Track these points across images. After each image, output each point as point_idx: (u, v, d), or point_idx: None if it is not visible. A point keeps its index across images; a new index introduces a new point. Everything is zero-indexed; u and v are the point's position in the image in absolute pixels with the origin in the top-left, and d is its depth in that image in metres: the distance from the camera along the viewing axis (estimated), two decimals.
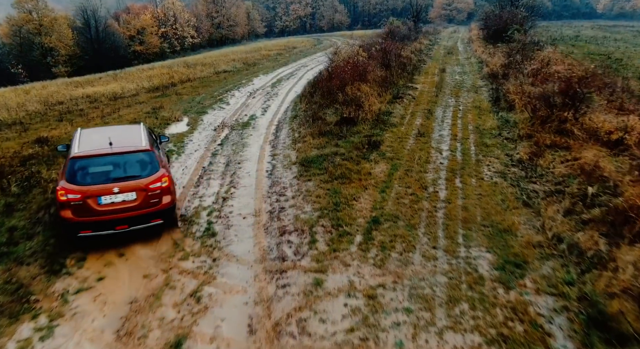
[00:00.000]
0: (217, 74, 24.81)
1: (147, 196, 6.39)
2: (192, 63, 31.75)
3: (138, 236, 6.77)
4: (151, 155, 6.73)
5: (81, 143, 6.83)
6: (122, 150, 6.60)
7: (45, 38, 49.82)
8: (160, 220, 6.61)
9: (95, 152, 6.55)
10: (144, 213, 6.42)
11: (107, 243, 6.61)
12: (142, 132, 7.36)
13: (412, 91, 17.51)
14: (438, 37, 45.74)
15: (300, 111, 15.34)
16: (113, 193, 6.21)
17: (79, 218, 6.15)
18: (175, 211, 7.01)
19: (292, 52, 37.54)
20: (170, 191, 6.67)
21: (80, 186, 6.17)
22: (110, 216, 6.24)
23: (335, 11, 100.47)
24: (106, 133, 7.25)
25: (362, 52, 17.62)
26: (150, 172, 6.55)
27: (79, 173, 6.32)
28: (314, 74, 23.91)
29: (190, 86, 20.79)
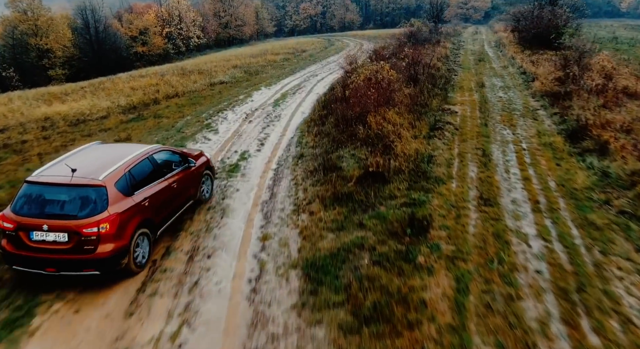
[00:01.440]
0: (211, 86, 20.96)
1: (80, 241, 5.48)
2: (189, 70, 27.99)
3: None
4: (100, 191, 5.67)
5: (54, 165, 6.22)
6: (69, 181, 5.69)
7: (40, 39, 46.48)
8: (95, 271, 5.60)
9: (47, 179, 5.86)
10: (75, 259, 5.52)
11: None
12: (128, 159, 6.30)
13: (451, 116, 13.47)
14: (460, 39, 41.38)
15: (307, 147, 11.44)
16: (43, 230, 5.50)
17: (14, 251, 5.61)
18: (121, 261, 5.69)
19: (301, 56, 33.58)
20: (113, 238, 5.57)
21: (16, 215, 5.62)
22: (41, 254, 5.51)
23: (346, 10, 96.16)
24: (96, 154, 6.67)
25: (386, 66, 13.68)
26: (91, 212, 5.56)
27: (22, 201, 5.74)
28: (325, 87, 19.98)
29: (175, 104, 16.98)
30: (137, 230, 5.95)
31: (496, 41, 36.30)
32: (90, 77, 49.72)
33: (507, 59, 25.49)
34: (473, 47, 33.78)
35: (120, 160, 6.23)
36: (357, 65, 18.67)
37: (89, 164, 6.13)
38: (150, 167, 6.66)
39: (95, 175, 5.81)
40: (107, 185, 5.71)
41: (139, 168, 6.40)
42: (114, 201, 5.71)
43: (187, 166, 7.52)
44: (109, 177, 5.84)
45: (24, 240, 5.55)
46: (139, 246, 6.04)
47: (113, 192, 5.75)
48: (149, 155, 6.75)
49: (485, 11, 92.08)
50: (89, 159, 6.40)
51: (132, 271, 5.94)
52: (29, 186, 5.82)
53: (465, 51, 31.14)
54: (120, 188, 5.87)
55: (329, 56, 33.81)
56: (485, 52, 30.07)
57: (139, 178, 6.33)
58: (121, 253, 5.67)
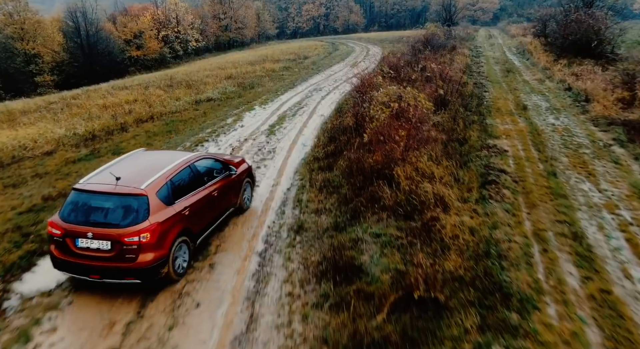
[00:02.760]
0: (196, 105, 17.48)
1: (123, 250, 5.34)
2: (177, 80, 24.55)
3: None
4: (142, 201, 5.50)
5: (101, 172, 6.11)
6: (113, 190, 5.58)
7: (27, 43, 43.14)
8: (136, 280, 5.46)
9: (94, 187, 5.74)
10: (118, 267, 5.38)
11: None
12: (170, 168, 6.14)
13: (502, 158, 9.94)
14: (475, 43, 37.74)
15: (309, 211, 7.98)
16: (87, 238, 5.41)
17: (61, 256, 5.56)
18: (161, 271, 5.52)
19: (302, 64, 30.07)
20: (154, 248, 5.41)
21: (64, 222, 5.53)
22: (86, 261, 5.42)
23: (350, 11, 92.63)
24: (141, 162, 6.57)
25: (416, 92, 10.14)
26: (132, 221, 5.40)
27: (69, 208, 5.64)
28: (332, 105, 16.52)
29: (146, 132, 13.50)
30: (177, 238, 5.86)
31: (517, 47, 32.64)
32: (81, 83, 46.41)
33: (539, 70, 21.87)
34: (493, 54, 30.15)
35: (162, 169, 6.11)
36: (370, 82, 15.15)
37: (133, 172, 6.06)
38: (191, 175, 6.53)
39: (138, 184, 5.71)
40: (148, 194, 5.61)
41: (180, 176, 6.28)
42: (155, 210, 5.60)
43: (228, 174, 7.40)
44: (151, 186, 5.73)
45: (70, 247, 5.51)
46: (178, 255, 5.95)
47: (154, 201, 5.64)
48: (190, 163, 6.62)
49: (493, 13, 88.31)
50: (133, 167, 6.33)
51: (172, 280, 5.84)
52: (76, 194, 5.76)
53: (486, 59, 27.53)
54: (161, 197, 5.77)
55: (334, 64, 30.28)
56: (510, 61, 26.43)
57: (180, 186, 6.20)
58: (161, 262, 5.57)
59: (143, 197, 5.54)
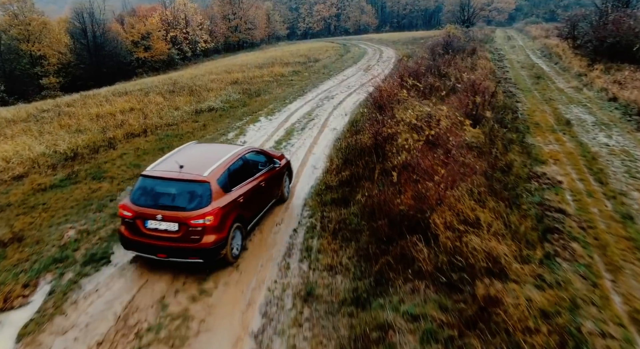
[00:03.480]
0: (196, 115, 15.80)
1: (188, 231, 5.76)
2: (181, 85, 22.95)
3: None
4: (205, 187, 5.94)
5: (164, 161, 6.58)
6: (179, 176, 6.04)
7: (32, 45, 42.03)
8: (199, 259, 5.85)
9: (160, 174, 6.19)
10: (183, 247, 5.81)
11: None
12: (225, 159, 6.54)
13: (555, 194, 8.04)
14: (494, 46, 35.57)
15: (320, 267, 6.27)
16: (157, 220, 5.80)
17: (131, 236, 5.97)
18: (221, 252, 5.95)
19: (313, 68, 28.27)
20: (215, 230, 5.83)
21: (135, 205, 5.94)
22: (154, 241, 5.85)
23: (361, 12, 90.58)
24: (198, 153, 7.04)
25: (452, 112, 8.29)
26: (197, 205, 5.82)
27: (139, 192, 6.07)
28: (345, 117, 14.73)
29: (136, 149, 11.82)
30: (234, 223, 6.19)
31: (542, 50, 30.43)
32: (87, 85, 45.26)
33: (573, 76, 19.78)
34: (517, 57, 28.02)
35: (220, 159, 6.50)
36: (389, 92, 13.30)
37: (193, 161, 6.40)
38: (243, 166, 6.89)
39: (200, 171, 6.10)
40: (210, 181, 5.99)
41: (235, 166, 6.62)
42: (216, 196, 5.95)
43: (272, 166, 7.73)
44: (212, 174, 6.12)
45: (140, 228, 5.86)
46: (234, 239, 6.27)
47: (215, 188, 6.00)
48: (242, 155, 6.97)
49: (508, 13, 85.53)
50: (192, 156, 6.66)
51: (228, 262, 6.21)
52: (145, 180, 6.15)
53: (510, 63, 25.45)
54: (220, 185, 6.12)
55: (346, 68, 28.43)
56: (537, 65, 24.31)
57: (235, 176, 6.53)
58: (222, 244, 5.93)
59: (206, 184, 5.96)
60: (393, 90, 12.86)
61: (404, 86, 15.13)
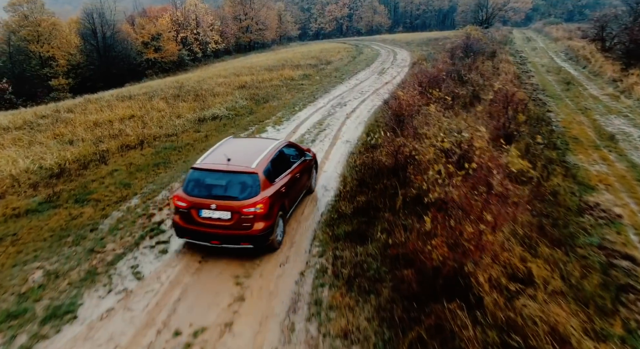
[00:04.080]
0: (199, 124, 14.64)
1: (240, 219, 6.11)
2: (187, 89, 21.89)
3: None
4: (254, 178, 6.32)
5: (210, 155, 6.90)
6: (229, 168, 6.42)
7: (42, 46, 41.49)
8: (249, 245, 6.24)
9: (210, 166, 6.54)
10: (235, 234, 6.18)
11: None
12: (267, 151, 6.93)
13: (617, 232, 6.64)
14: (514, 48, 33.87)
15: (331, 335, 4.94)
16: (211, 209, 6.15)
17: (185, 225, 6.29)
18: (269, 238, 6.33)
19: (324, 71, 26.98)
20: (264, 218, 6.18)
21: (189, 196, 6.26)
22: (207, 229, 6.20)
23: (374, 12, 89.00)
24: (238, 146, 7.35)
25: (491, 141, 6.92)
26: (248, 195, 6.20)
27: (191, 184, 6.39)
28: (359, 126, 13.45)
29: (128, 165, 10.66)
30: (278, 212, 6.53)
31: (566, 52, 28.69)
32: (96, 86, 44.68)
33: (607, 82, 18.18)
34: (540, 60, 26.36)
35: (262, 152, 6.85)
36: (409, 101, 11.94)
37: (238, 154, 6.74)
38: (282, 159, 7.30)
39: (248, 163, 6.47)
40: (258, 172, 6.35)
41: (276, 159, 6.99)
42: (264, 186, 6.33)
43: (303, 159, 8.09)
44: (259, 166, 6.48)
45: (194, 217, 6.21)
46: (278, 227, 6.60)
47: (262, 178, 6.36)
48: (280, 148, 7.34)
49: (525, 13, 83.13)
50: (234, 150, 6.96)
51: (274, 247, 6.60)
52: (195, 172, 6.47)
53: (534, 67, 23.84)
54: (266, 175, 6.47)
55: (359, 71, 27.09)
56: (564, 69, 22.67)
57: (277, 167, 6.89)
58: (270, 230, 6.31)
59: (255, 175, 6.29)
60: (413, 100, 11.52)
61: (424, 94, 13.78)
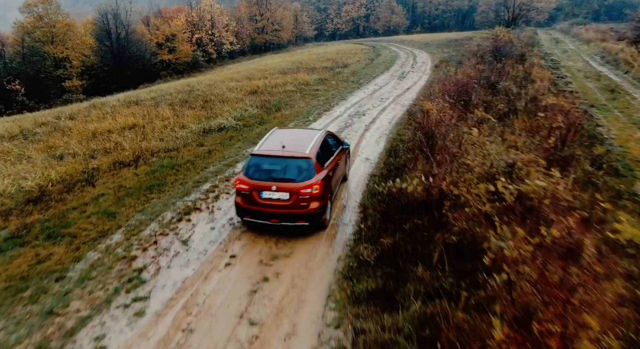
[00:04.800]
0: (203, 136, 13.25)
1: (298, 199, 6.66)
2: (196, 94, 20.65)
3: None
4: (309, 162, 6.92)
5: (265, 143, 7.50)
6: (286, 154, 6.98)
7: (56, 47, 40.94)
8: (305, 222, 6.79)
9: (268, 152, 7.12)
10: (293, 213, 6.71)
11: None
12: (315, 139, 7.54)
13: None
14: (543, 50, 31.70)
15: None
16: (271, 191, 6.69)
17: (246, 206, 6.87)
18: (322, 217, 6.94)
19: (341, 75, 25.41)
20: (319, 198, 6.75)
21: (250, 179, 6.83)
22: (267, 209, 6.73)
23: (392, 12, 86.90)
24: (287, 136, 7.88)
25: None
26: (305, 177, 6.78)
27: (252, 169, 6.96)
28: (379, 141, 11.92)
29: (116, 188, 9.30)
30: (329, 193, 7.21)
31: (602, 55, 26.49)
32: (110, 88, 44.03)
33: None
34: (574, 64, 24.29)
35: (311, 140, 7.52)
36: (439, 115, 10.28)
37: (290, 142, 7.35)
38: (327, 146, 7.87)
39: (303, 149, 7.13)
40: (312, 157, 7.00)
41: (322, 146, 7.60)
42: (317, 170, 6.95)
43: (341, 147, 8.68)
44: (311, 151, 7.13)
45: (255, 198, 6.78)
46: (327, 207, 7.15)
47: (315, 163, 6.99)
48: (324, 137, 7.95)
49: (548, 13, 79.87)
50: (285, 138, 7.48)
51: (324, 226, 7.25)
52: (255, 158, 7.09)
53: (569, 71, 21.84)
54: (317, 160, 7.10)
55: (377, 75, 25.45)
56: (604, 75, 20.62)
57: (324, 154, 7.52)
58: (323, 209, 6.92)
59: (309, 159, 6.96)
60: (444, 115, 9.88)
61: (455, 106, 12.17)
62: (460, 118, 11.77)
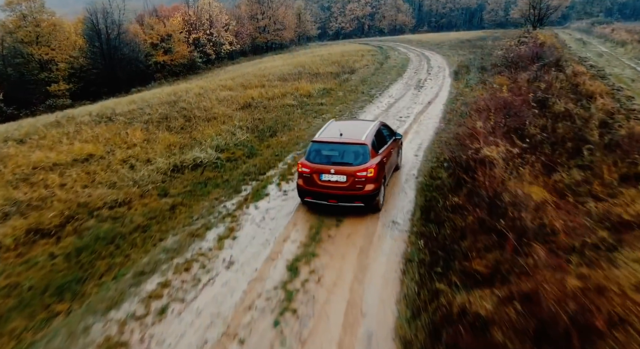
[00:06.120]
0: (170, 179, 9.73)
1: (354, 181, 7.15)
2: (179, 107, 17.23)
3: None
4: (365, 148, 7.40)
5: (324, 131, 8.16)
6: (344, 140, 7.53)
7: (39, 48, 37.51)
8: (361, 203, 7.22)
9: (327, 139, 7.70)
10: (350, 194, 7.19)
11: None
12: (369, 128, 8.03)
13: None
14: (573, 53, 28.00)
15: None
16: (330, 173, 7.25)
17: (307, 187, 7.47)
18: (376, 198, 7.31)
19: (348, 83, 21.82)
20: (374, 181, 7.19)
21: (311, 163, 7.42)
22: (326, 190, 7.28)
23: (397, 11, 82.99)
24: (345, 126, 8.42)
25: None
26: (361, 161, 7.27)
27: (313, 154, 7.53)
28: (407, 185, 8.34)
29: (10, 285, 5.93)
30: (382, 177, 7.62)
31: None
32: (100, 91, 40.65)
33: None
34: (621, 72, 20.61)
35: (367, 128, 8.06)
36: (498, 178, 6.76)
37: (347, 130, 7.92)
38: (381, 135, 8.28)
39: (359, 137, 7.65)
40: (367, 144, 7.48)
41: (377, 135, 8.06)
42: (372, 155, 7.43)
43: (394, 138, 9.07)
44: (367, 138, 7.62)
45: (315, 180, 7.36)
46: (381, 191, 7.57)
47: (370, 149, 7.46)
48: (379, 127, 8.45)
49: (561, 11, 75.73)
50: (342, 128, 8.08)
51: (378, 208, 7.61)
52: (315, 144, 7.65)
53: (621, 81, 18.17)
54: (372, 147, 7.56)
55: (390, 83, 21.88)
56: None
57: (378, 142, 7.97)
58: (377, 191, 7.32)
59: (365, 146, 7.44)
60: (503, 173, 6.36)
61: (509, 139, 8.70)
62: (521, 158, 8.31)
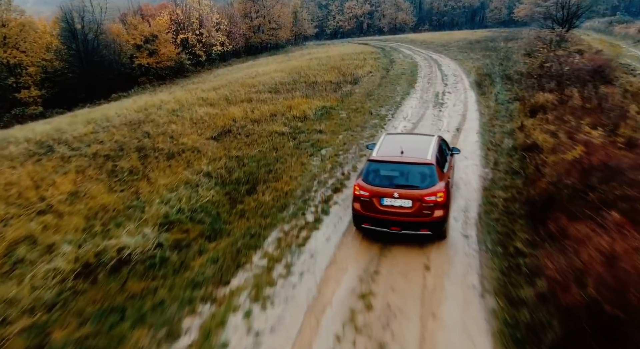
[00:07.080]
0: (73, 293, 6.02)
1: (421, 207, 6.34)
2: (141, 133, 13.66)
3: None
4: (432, 168, 6.58)
5: (381, 148, 7.18)
6: (407, 160, 6.64)
7: (5, 50, 33.41)
8: (428, 231, 6.44)
9: (387, 158, 6.79)
10: (415, 221, 6.38)
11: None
12: (432, 145, 7.19)
13: None
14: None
15: None
16: (393, 198, 6.37)
17: (365, 213, 6.55)
18: (445, 226, 6.55)
19: (352, 97, 17.96)
20: (443, 206, 6.38)
21: (370, 185, 6.51)
22: (388, 216, 6.41)
23: (398, 9, 78.89)
24: (403, 141, 7.50)
25: None
26: (428, 184, 6.45)
27: (372, 175, 6.65)
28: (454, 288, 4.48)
29: None
30: (450, 201, 6.87)
31: None
32: (77, 98, 36.69)
33: None
34: None
35: (429, 145, 7.10)
36: None
37: (407, 147, 6.90)
38: (442, 151, 7.41)
39: (423, 155, 6.70)
40: (433, 163, 6.56)
41: (440, 151, 7.16)
42: (440, 176, 6.52)
43: (451, 153, 8.17)
44: (432, 157, 6.68)
45: (376, 205, 6.43)
46: (449, 217, 6.79)
47: (437, 169, 6.55)
48: (440, 142, 7.53)
49: None
50: (400, 144, 7.06)
51: (444, 236, 6.70)
52: (374, 164, 6.74)
53: None
54: (438, 166, 6.67)
55: (402, 98, 18.06)
56: None
57: (442, 159, 7.12)
58: (446, 217, 6.47)
59: (432, 166, 6.53)
60: None
61: None
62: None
